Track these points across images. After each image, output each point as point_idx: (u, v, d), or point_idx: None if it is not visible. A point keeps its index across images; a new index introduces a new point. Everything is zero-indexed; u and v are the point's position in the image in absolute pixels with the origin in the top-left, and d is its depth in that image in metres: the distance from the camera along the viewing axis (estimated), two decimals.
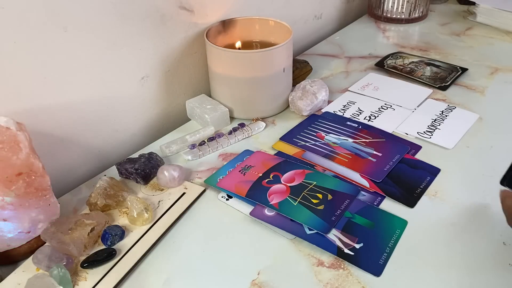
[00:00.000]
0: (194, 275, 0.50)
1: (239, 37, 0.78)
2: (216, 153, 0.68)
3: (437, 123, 0.72)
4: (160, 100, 0.74)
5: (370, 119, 0.74)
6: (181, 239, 0.54)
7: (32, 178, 0.49)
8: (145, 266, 0.51)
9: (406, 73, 0.86)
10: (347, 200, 0.57)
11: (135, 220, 0.55)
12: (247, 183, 0.60)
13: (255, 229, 0.55)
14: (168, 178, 0.60)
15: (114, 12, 0.61)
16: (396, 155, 0.65)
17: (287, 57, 0.73)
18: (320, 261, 0.51)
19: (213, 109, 0.72)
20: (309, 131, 0.71)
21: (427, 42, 1.00)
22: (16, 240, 0.51)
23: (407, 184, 0.60)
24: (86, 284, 0.49)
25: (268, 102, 0.74)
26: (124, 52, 0.65)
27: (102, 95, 0.65)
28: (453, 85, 0.83)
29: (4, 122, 0.49)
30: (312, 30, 1.05)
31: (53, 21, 0.55)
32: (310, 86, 0.75)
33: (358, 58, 0.94)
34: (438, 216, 0.56)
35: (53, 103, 0.59)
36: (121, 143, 0.71)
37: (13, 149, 0.48)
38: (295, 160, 0.65)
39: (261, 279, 0.49)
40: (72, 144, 0.64)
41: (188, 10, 0.71)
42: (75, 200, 0.60)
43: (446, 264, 0.50)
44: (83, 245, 0.51)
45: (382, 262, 0.50)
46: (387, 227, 0.54)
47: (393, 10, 1.09)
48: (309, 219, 0.55)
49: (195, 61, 0.77)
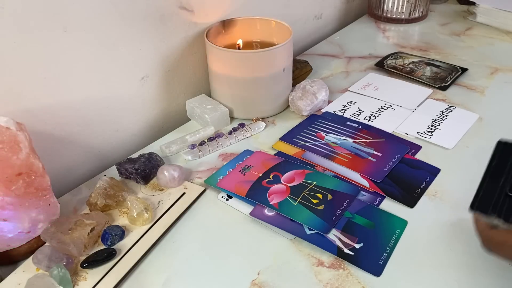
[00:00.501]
0: (194, 275, 0.50)
1: (239, 37, 0.78)
2: (216, 153, 0.68)
3: (437, 123, 0.72)
4: (160, 100, 0.74)
5: (370, 119, 0.74)
6: (181, 239, 0.54)
7: (32, 178, 0.49)
8: (145, 266, 0.51)
9: (406, 73, 0.86)
10: (347, 200, 0.57)
11: (135, 220, 0.55)
12: (247, 183, 0.60)
13: (255, 229, 0.55)
14: (168, 178, 0.60)
15: (114, 12, 0.61)
16: (396, 155, 0.65)
17: (287, 57, 0.73)
18: (320, 261, 0.51)
19: (213, 109, 0.72)
20: (309, 131, 0.71)
21: (427, 42, 1.00)
22: (16, 240, 0.51)
23: (407, 184, 0.60)
24: (86, 284, 0.49)
25: (268, 102, 0.74)
26: (124, 52, 0.65)
27: (102, 95, 0.65)
28: (453, 85, 0.82)
29: (4, 122, 0.49)
30: (312, 30, 1.04)
31: (53, 21, 0.55)
32: (310, 86, 0.75)
33: (358, 58, 0.94)
34: (438, 216, 0.56)
35: (53, 103, 0.60)
36: (121, 143, 0.71)
37: (13, 149, 0.48)
38: (295, 160, 0.65)
39: (261, 279, 0.49)
40: (72, 144, 0.64)
41: (188, 10, 0.71)
42: (75, 200, 0.60)
43: (446, 264, 0.50)
44: (83, 245, 0.51)
45: (382, 262, 0.50)
46: (387, 227, 0.54)
47: (393, 10, 1.09)
48: (309, 219, 0.55)
49: (195, 61, 0.77)
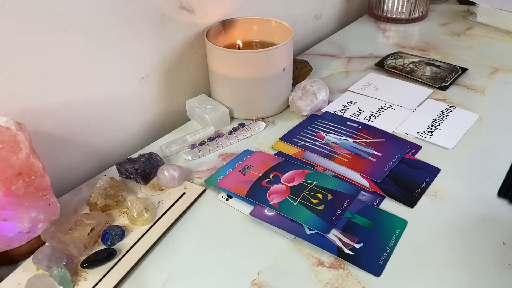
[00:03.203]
0: (194, 275, 0.50)
1: (239, 37, 0.78)
2: (216, 153, 0.68)
3: (437, 123, 0.72)
4: (160, 100, 0.74)
5: (370, 119, 0.74)
6: (181, 239, 0.54)
7: (32, 178, 0.49)
8: (145, 266, 0.51)
9: (406, 73, 0.86)
10: (347, 200, 0.57)
11: (135, 220, 0.55)
12: (247, 183, 0.60)
13: (255, 229, 0.55)
14: (168, 178, 0.60)
15: (114, 12, 0.61)
16: (396, 155, 0.65)
17: (287, 57, 0.73)
18: (320, 261, 0.51)
19: (213, 109, 0.72)
20: (309, 131, 0.71)
21: (427, 42, 1.00)
22: (16, 240, 0.51)
23: (407, 184, 0.60)
24: (86, 284, 0.49)
25: (268, 102, 0.74)
26: (124, 52, 0.65)
27: (102, 95, 0.65)
28: (453, 85, 0.82)
29: (4, 122, 0.49)
30: (312, 30, 1.04)
31: (53, 21, 0.55)
32: (310, 86, 0.75)
33: (358, 58, 0.94)
34: (438, 216, 0.56)
35: (53, 103, 0.60)
36: (121, 143, 0.71)
37: (13, 149, 0.48)
38: (295, 160, 0.65)
39: (261, 279, 0.49)
40: (72, 144, 0.64)
41: (188, 10, 0.71)
42: (75, 200, 0.60)
43: (446, 264, 0.50)
44: (83, 245, 0.51)
45: (382, 262, 0.50)
46: (387, 227, 0.54)
47: (393, 10, 1.09)
48: (309, 219, 0.55)
49: (195, 61, 0.77)
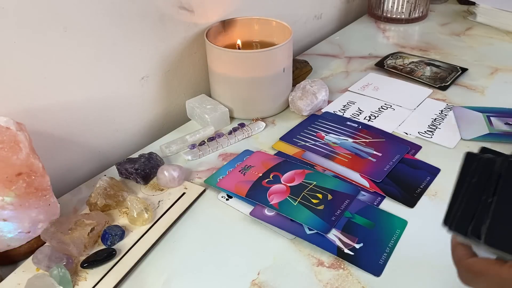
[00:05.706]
0: (194, 275, 0.50)
1: (239, 37, 0.78)
2: (216, 153, 0.68)
3: (437, 122, 0.72)
4: (160, 100, 0.74)
5: (370, 119, 0.74)
6: (181, 239, 0.54)
7: (32, 178, 0.49)
8: (145, 266, 0.51)
9: (406, 73, 0.86)
10: (347, 200, 0.57)
11: (135, 220, 0.55)
12: (247, 183, 0.60)
13: (255, 229, 0.55)
14: (168, 178, 0.60)
15: (114, 12, 0.61)
16: (396, 155, 0.65)
17: (287, 57, 0.73)
18: (320, 261, 0.51)
19: (213, 109, 0.72)
20: (309, 131, 0.71)
21: (427, 42, 1.00)
22: (16, 240, 0.51)
23: (407, 184, 0.60)
24: (86, 284, 0.49)
25: (268, 102, 0.74)
26: (124, 52, 0.65)
27: (102, 95, 0.65)
28: (453, 85, 0.82)
29: (4, 122, 0.49)
30: (312, 30, 1.04)
31: (53, 21, 0.55)
32: (310, 86, 0.75)
33: (358, 58, 0.94)
34: (438, 216, 0.56)
35: (53, 103, 0.60)
36: (121, 143, 0.71)
37: (13, 149, 0.48)
38: (295, 160, 0.65)
39: (261, 279, 0.49)
40: (72, 144, 0.64)
41: (188, 10, 0.71)
42: (75, 200, 0.60)
43: (446, 264, 0.50)
44: (83, 245, 0.51)
45: (382, 262, 0.50)
46: (387, 227, 0.54)
47: (393, 10, 1.09)
48: (309, 219, 0.55)
49: (195, 61, 0.77)
